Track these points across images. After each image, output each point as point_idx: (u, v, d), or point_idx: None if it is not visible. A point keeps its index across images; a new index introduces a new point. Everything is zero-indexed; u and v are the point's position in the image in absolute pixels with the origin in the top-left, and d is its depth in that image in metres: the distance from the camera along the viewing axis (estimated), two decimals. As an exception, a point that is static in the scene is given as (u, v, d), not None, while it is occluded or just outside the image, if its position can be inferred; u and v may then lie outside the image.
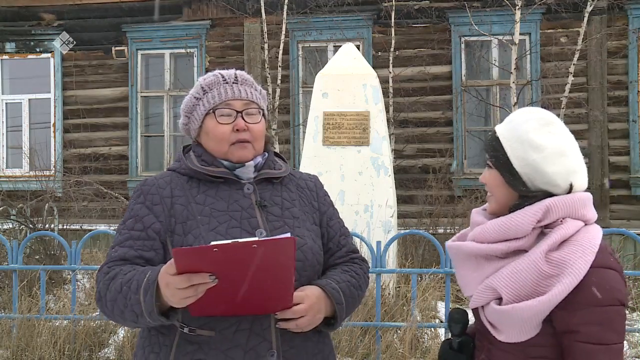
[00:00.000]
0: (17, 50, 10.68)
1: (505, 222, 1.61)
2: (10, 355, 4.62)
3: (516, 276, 1.56)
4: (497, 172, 1.67)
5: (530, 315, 1.53)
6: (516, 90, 8.27)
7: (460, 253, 1.71)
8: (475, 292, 1.65)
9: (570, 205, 1.60)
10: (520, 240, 1.60)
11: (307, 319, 1.71)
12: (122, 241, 1.76)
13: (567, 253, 1.54)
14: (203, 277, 1.49)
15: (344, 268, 1.89)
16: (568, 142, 1.65)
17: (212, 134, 1.83)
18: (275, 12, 9.46)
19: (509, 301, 1.56)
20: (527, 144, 1.61)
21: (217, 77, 1.87)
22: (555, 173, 1.60)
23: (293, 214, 1.85)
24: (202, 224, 1.74)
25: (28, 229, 7.92)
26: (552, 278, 1.53)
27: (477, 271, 1.66)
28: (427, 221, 8.28)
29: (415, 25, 9.61)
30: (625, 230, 5.43)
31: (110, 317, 1.74)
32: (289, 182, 1.93)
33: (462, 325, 1.77)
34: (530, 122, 1.64)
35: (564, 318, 1.52)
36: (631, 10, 9.14)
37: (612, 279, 1.54)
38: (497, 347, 1.63)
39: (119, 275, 1.69)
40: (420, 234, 5.64)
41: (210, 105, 1.84)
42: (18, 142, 10.57)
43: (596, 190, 8.89)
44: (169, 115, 10.31)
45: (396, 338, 4.73)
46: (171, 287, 1.52)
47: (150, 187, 1.81)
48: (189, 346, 1.69)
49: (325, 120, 6.27)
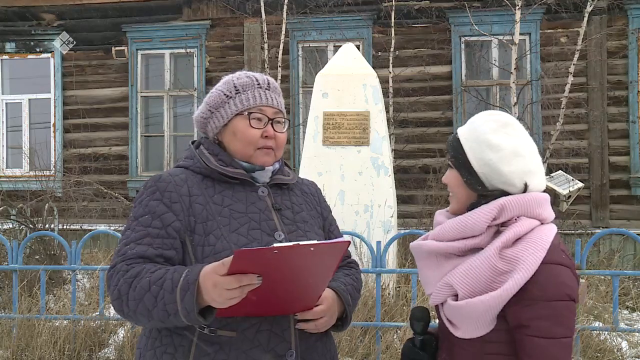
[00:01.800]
0: (17, 50, 10.68)
1: (461, 221, 1.67)
2: (10, 355, 4.62)
3: (471, 272, 1.61)
4: (457, 172, 1.73)
5: (483, 310, 1.57)
6: (516, 90, 8.27)
7: (421, 252, 1.76)
8: (434, 290, 1.69)
9: (525, 204, 1.65)
10: (476, 238, 1.65)
11: (325, 320, 1.74)
12: (139, 238, 1.71)
13: (520, 250, 1.59)
14: (252, 277, 1.49)
15: (345, 272, 1.93)
16: (525, 143, 1.70)
17: (241, 135, 1.84)
18: (275, 12, 9.46)
19: (464, 297, 1.61)
20: (484, 144, 1.67)
21: (252, 80, 1.88)
22: (511, 172, 1.65)
23: (303, 218, 1.88)
24: (222, 225, 1.73)
25: (28, 229, 7.92)
26: (505, 274, 1.58)
27: (437, 269, 1.71)
28: (427, 221, 8.27)
29: (415, 25, 9.61)
30: (625, 230, 5.43)
31: (129, 317, 1.68)
32: (294, 187, 1.96)
33: (424, 323, 1.79)
34: (489, 123, 1.70)
35: (516, 313, 1.57)
36: (631, 11, 9.14)
37: (562, 275, 1.59)
38: (457, 344, 1.68)
39: (143, 273, 1.63)
40: (420, 234, 5.63)
41: (243, 106, 1.84)
42: (18, 142, 10.58)
43: (596, 190, 8.90)
44: (169, 115, 10.31)
45: (396, 338, 4.73)
46: (219, 287, 1.50)
47: (167, 184, 1.77)
48: (210, 347, 1.68)
49: (325, 120, 6.27)
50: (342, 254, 1.60)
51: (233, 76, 1.91)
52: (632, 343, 5.15)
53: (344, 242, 1.58)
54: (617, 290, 4.41)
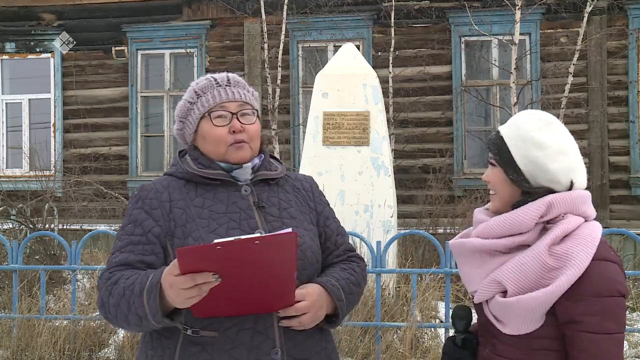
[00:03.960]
0: (17, 50, 10.68)
1: (509, 218, 1.67)
2: (10, 355, 4.62)
3: (521, 269, 1.61)
4: (500, 169, 1.72)
5: (534, 307, 1.58)
6: (516, 90, 8.27)
7: (464, 250, 1.76)
8: (480, 287, 1.69)
9: (571, 201, 1.66)
10: (523, 235, 1.65)
11: (309, 316, 1.72)
12: (122, 247, 1.77)
13: (570, 246, 1.60)
14: (207, 276, 1.50)
15: (342, 266, 1.91)
16: (569, 141, 1.71)
17: (208, 136, 1.84)
18: (275, 12, 9.46)
19: (514, 294, 1.61)
20: (530, 142, 1.68)
21: (210, 81, 1.89)
22: (556, 170, 1.66)
23: (290, 214, 1.86)
24: (201, 227, 1.74)
25: (28, 229, 7.92)
26: (555, 270, 1.58)
27: (481, 267, 1.71)
28: (427, 221, 8.28)
29: (415, 25, 9.61)
30: (626, 230, 5.44)
31: (114, 323, 1.74)
32: (284, 183, 1.95)
33: (466, 322, 1.80)
34: (533, 122, 1.71)
35: (567, 309, 1.57)
36: (631, 11, 9.14)
37: (613, 271, 1.60)
38: (502, 340, 1.68)
39: (121, 280, 1.69)
40: (420, 234, 5.64)
41: (205, 108, 1.85)
42: (18, 142, 10.58)
43: (596, 190, 8.89)
44: (169, 115, 10.31)
45: (396, 338, 4.73)
46: (175, 287, 1.53)
47: (147, 192, 1.82)
48: (193, 347, 1.69)
49: (325, 120, 6.27)
50: (294, 246, 1.57)
51: (194, 82, 1.93)
52: (632, 343, 5.15)
53: (290, 234, 1.56)
54: (617, 290, 4.40)
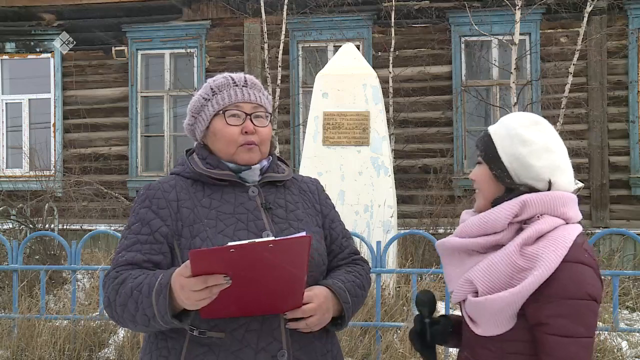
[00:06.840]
0: (17, 50, 10.68)
1: (484, 217, 1.67)
2: (10, 355, 4.62)
3: (491, 269, 1.61)
4: (486, 166, 1.73)
5: (502, 306, 1.57)
6: (516, 91, 8.27)
7: (444, 249, 1.77)
8: (456, 287, 1.70)
9: (548, 201, 1.63)
10: (498, 234, 1.65)
11: (316, 318, 1.72)
12: (129, 245, 1.75)
13: (540, 247, 1.58)
14: (218, 278, 1.49)
15: (347, 269, 1.91)
16: (555, 140, 1.71)
17: (220, 134, 1.84)
18: (275, 12, 9.46)
19: (484, 293, 1.61)
20: (516, 139, 1.68)
21: (227, 80, 1.88)
22: (541, 167, 1.65)
23: (297, 216, 1.86)
24: (209, 227, 1.74)
25: (28, 229, 7.92)
26: (525, 271, 1.57)
27: (459, 266, 1.71)
28: (427, 221, 8.28)
29: (415, 25, 9.61)
30: (626, 230, 5.43)
31: (120, 323, 1.73)
32: (291, 185, 1.94)
33: (430, 305, 1.81)
34: (520, 120, 1.72)
35: (535, 311, 1.56)
36: (631, 10, 9.13)
37: (584, 274, 1.57)
38: (478, 343, 1.67)
39: (129, 279, 1.68)
40: (420, 234, 5.64)
41: (219, 106, 1.85)
42: (18, 142, 10.57)
43: (596, 190, 8.90)
44: (169, 115, 10.31)
45: (396, 338, 4.73)
46: (186, 289, 1.52)
47: (155, 192, 1.81)
48: (199, 348, 1.69)
49: (325, 120, 6.27)
50: (307, 249, 1.57)
51: (211, 79, 1.92)
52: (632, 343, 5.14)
53: (304, 237, 1.56)
54: (617, 290, 4.41)
